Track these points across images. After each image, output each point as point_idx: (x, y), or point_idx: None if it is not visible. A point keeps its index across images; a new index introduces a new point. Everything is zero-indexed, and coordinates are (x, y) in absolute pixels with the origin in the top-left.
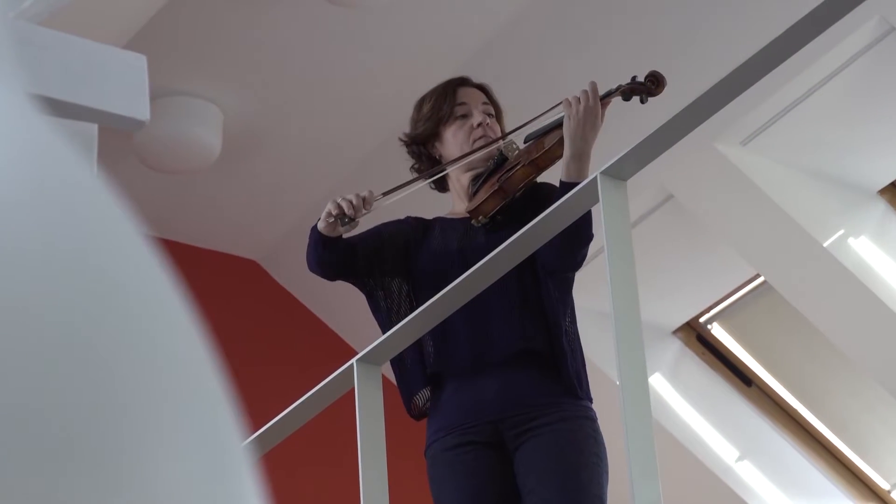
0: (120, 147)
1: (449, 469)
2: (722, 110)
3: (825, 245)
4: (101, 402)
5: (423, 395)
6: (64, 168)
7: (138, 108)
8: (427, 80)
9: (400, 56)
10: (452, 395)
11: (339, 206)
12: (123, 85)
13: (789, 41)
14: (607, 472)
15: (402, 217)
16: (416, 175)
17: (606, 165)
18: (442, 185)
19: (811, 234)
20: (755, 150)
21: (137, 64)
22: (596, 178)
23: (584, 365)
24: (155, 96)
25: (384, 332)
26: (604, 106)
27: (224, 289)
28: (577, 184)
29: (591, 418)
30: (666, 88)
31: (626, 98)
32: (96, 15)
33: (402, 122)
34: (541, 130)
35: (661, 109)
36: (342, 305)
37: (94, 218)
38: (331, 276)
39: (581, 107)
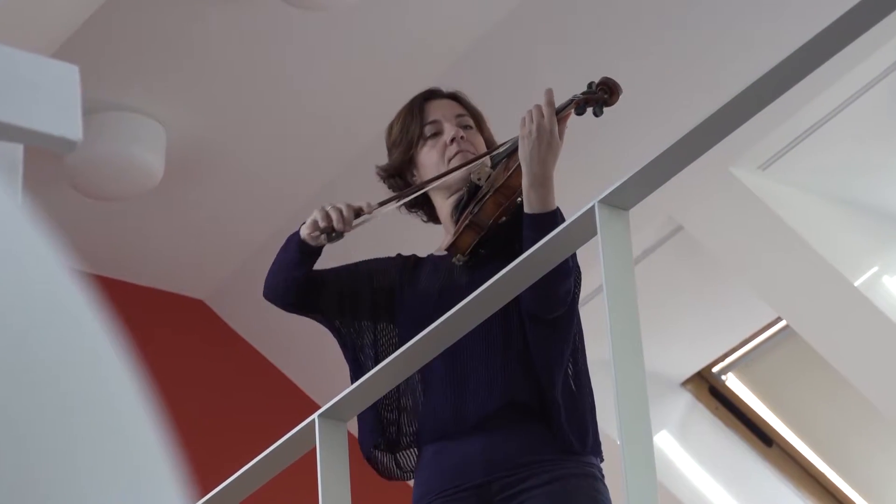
0: (49, 170)
1: None
2: (739, 130)
3: (856, 284)
4: (15, 463)
5: (407, 457)
6: None
7: (70, 125)
8: (401, 93)
9: (370, 65)
10: (433, 457)
11: (328, 216)
12: (52, 99)
13: (816, 51)
14: None
15: (393, 255)
16: (398, 196)
17: (606, 193)
18: (434, 216)
19: (840, 272)
20: (776, 175)
21: (68, 75)
22: (594, 207)
23: (592, 412)
24: (88, 112)
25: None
26: (562, 121)
27: (167, 332)
28: (541, 216)
29: (593, 476)
30: (671, 103)
31: (580, 112)
32: (20, 20)
33: (371, 141)
34: (505, 152)
35: (669, 129)
36: (302, 352)
37: (18, 252)
38: (292, 302)
39: (534, 126)
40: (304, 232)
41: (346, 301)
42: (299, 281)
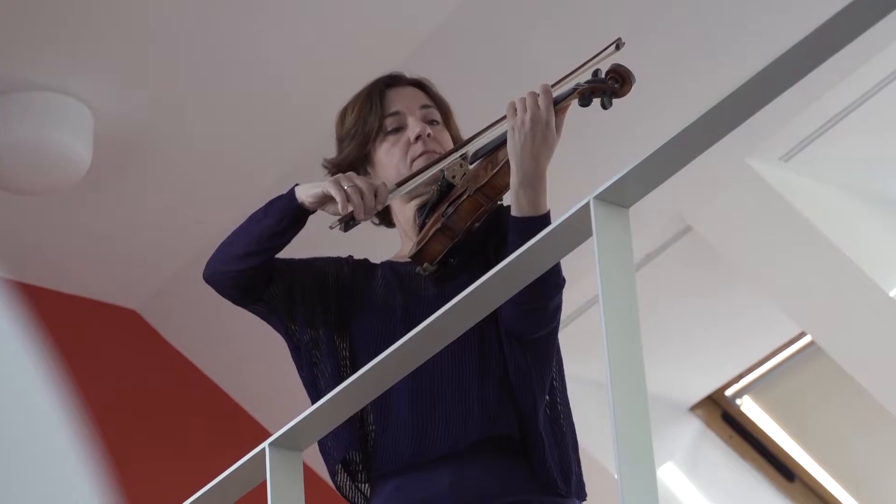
0: None
1: None
2: (755, 116)
3: (892, 294)
4: None
5: (362, 489)
6: None
7: None
8: (368, 72)
9: (332, 39)
10: (394, 492)
11: (348, 198)
12: None
13: (841, 29)
14: None
15: (344, 256)
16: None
17: (602, 188)
18: (387, 219)
19: (874, 280)
20: (800, 168)
21: None
22: (588, 203)
23: (575, 450)
24: (3, 92)
25: (311, 397)
26: (560, 113)
27: (95, 346)
28: (531, 220)
29: None
30: (679, 85)
31: (585, 103)
32: None
33: (332, 128)
34: (491, 145)
35: (676, 115)
36: (250, 371)
37: None
38: (247, 284)
39: (527, 116)
40: (307, 199)
41: (297, 294)
42: (275, 251)
